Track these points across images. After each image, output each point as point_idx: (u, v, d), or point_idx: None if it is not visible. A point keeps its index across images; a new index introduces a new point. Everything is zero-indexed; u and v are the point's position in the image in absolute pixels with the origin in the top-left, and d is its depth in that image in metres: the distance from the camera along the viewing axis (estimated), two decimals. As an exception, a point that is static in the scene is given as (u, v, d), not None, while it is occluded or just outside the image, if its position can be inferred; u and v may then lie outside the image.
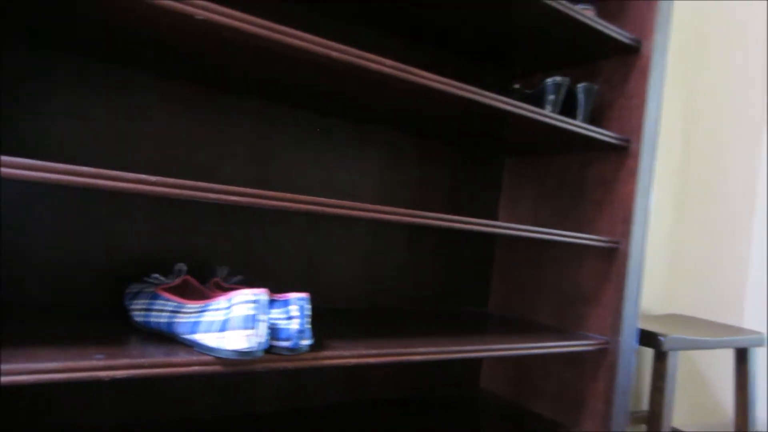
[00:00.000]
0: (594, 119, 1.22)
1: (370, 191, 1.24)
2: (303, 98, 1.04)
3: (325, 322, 0.99)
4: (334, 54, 0.77)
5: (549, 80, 1.11)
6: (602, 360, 1.14)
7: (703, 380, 1.92)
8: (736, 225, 1.97)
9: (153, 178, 0.64)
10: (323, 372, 1.18)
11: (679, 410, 1.86)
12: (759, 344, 1.51)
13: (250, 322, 0.64)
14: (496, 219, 1.44)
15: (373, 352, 0.80)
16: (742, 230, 1.98)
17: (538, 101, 1.13)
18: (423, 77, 0.85)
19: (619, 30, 1.10)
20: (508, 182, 1.43)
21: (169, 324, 0.71)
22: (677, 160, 1.93)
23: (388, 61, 0.82)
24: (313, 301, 1.17)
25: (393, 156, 1.26)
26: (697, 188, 1.92)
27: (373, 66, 0.81)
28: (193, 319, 0.68)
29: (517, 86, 1.19)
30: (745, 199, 1.98)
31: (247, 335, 0.64)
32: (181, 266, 0.85)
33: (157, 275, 0.83)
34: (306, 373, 1.16)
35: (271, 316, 0.71)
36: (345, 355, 0.77)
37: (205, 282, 1.00)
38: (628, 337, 1.13)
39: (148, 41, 0.78)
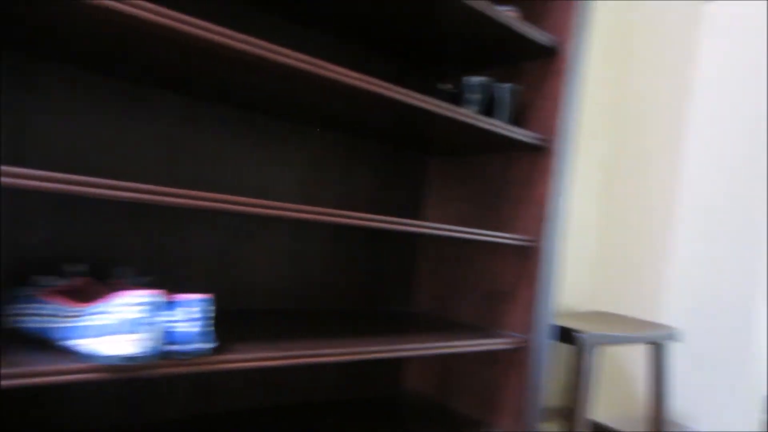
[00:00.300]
0: (517, 119, 1.25)
1: (294, 190, 1.22)
2: (221, 93, 1.01)
3: (240, 324, 0.97)
4: (241, 46, 0.76)
5: (469, 79, 1.13)
6: (518, 357, 1.18)
7: (625, 374, 2.01)
8: (657, 225, 2.07)
9: (59, 176, 0.61)
10: (238, 375, 1.16)
11: (603, 404, 1.95)
12: (672, 339, 1.59)
13: (137, 325, 0.62)
14: (421, 218, 1.45)
15: (278, 354, 0.78)
16: (662, 230, 2.08)
17: (460, 101, 1.15)
18: (333, 71, 0.84)
19: (537, 32, 1.13)
20: (435, 181, 1.44)
21: (52, 329, 0.68)
22: (603, 161, 2.01)
23: (297, 54, 0.81)
24: (233, 303, 1.14)
25: (317, 154, 1.25)
26: (621, 189, 2.00)
27: (281, 59, 0.80)
28: (76, 324, 0.65)
29: (448, 86, 1.20)
30: (666, 199, 2.09)
31: (135, 339, 0.62)
32: (74, 267, 0.81)
33: (48, 277, 0.79)
34: (219, 377, 1.13)
35: (169, 318, 0.69)
36: (248, 358, 0.75)
37: (106, 284, 0.96)
38: (543, 335, 1.17)
39: (47, 28, 0.74)
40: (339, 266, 1.31)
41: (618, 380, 1.99)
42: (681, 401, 2.03)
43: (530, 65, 1.24)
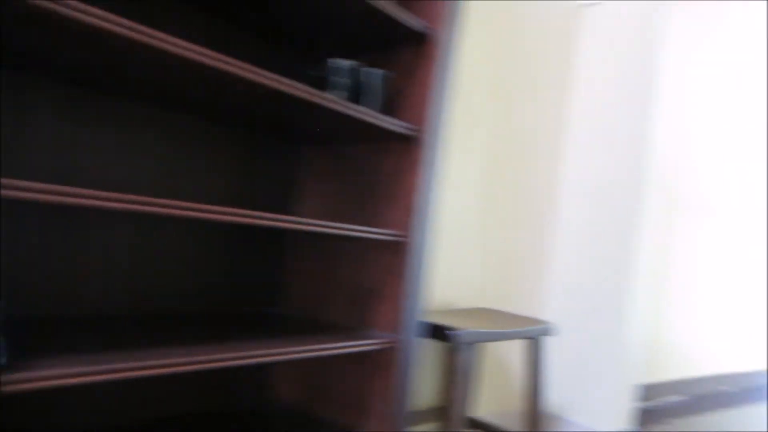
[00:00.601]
0: (389, 108, 1.21)
1: (146, 179, 1.10)
2: (53, 68, 0.88)
3: (66, 334, 0.85)
4: (70, 13, 0.65)
5: (336, 62, 1.08)
6: (386, 358, 1.14)
7: (506, 370, 2.06)
8: (539, 223, 2.14)
9: None
10: (77, 391, 1.03)
11: (485, 400, 1.99)
12: (546, 333, 1.64)
13: None
14: (294, 212, 1.38)
15: (91, 369, 0.69)
16: (544, 228, 2.16)
17: (328, 85, 1.09)
18: (167, 42, 0.75)
19: (409, 16, 1.10)
20: (308, 173, 1.38)
21: None
22: (485, 158, 2.04)
23: (124, 21, 0.71)
24: (64, 309, 1.01)
25: (174, 141, 1.14)
26: (503, 185, 2.05)
27: (105, 25, 0.70)
28: None
29: (323, 73, 1.13)
30: (546, 198, 2.17)
31: None
32: None
33: None
34: (52, 395, 1.00)
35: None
36: (47, 375, 0.65)
37: None
38: (412, 334, 1.14)
39: None
40: (198, 265, 1.21)
41: (499, 376, 2.04)
42: (559, 393, 2.12)
43: (402, 52, 1.21)
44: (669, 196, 2.61)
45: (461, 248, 1.89)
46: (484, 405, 1.99)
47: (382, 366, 1.15)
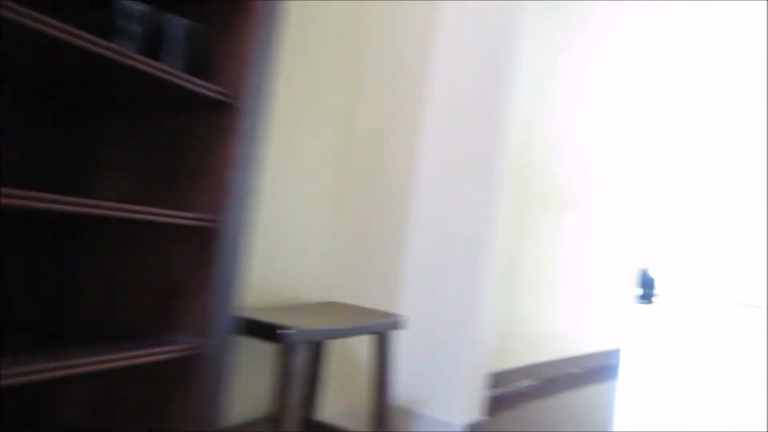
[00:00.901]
0: (203, 69, 1.04)
1: None
2: None
3: None
4: None
5: (124, 4, 0.88)
6: (192, 366, 0.97)
7: (356, 366, 1.98)
8: (392, 214, 2.07)
9: None
10: None
11: (332, 400, 1.88)
12: (394, 328, 1.57)
13: None
14: (83, 193, 1.15)
15: None
16: (397, 220, 2.10)
17: (116, 33, 0.90)
18: None
19: (220, -43, 0.93)
20: (106, 145, 1.15)
21: None
22: (339, 143, 1.92)
23: None
24: None
25: None
26: (357, 173, 1.95)
27: None
28: None
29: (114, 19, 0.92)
30: (400, 187, 2.10)
31: None
32: None
33: None
34: None
35: None
36: None
37: None
38: (224, 336, 0.99)
39: None
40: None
41: (347, 374, 1.95)
42: (411, 387, 2.08)
43: (219, 4, 1.04)
44: (523, 189, 2.68)
45: (307, 237, 1.76)
46: (331, 406, 1.88)
47: (186, 375, 0.97)
